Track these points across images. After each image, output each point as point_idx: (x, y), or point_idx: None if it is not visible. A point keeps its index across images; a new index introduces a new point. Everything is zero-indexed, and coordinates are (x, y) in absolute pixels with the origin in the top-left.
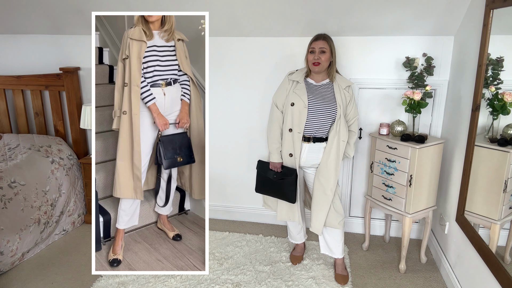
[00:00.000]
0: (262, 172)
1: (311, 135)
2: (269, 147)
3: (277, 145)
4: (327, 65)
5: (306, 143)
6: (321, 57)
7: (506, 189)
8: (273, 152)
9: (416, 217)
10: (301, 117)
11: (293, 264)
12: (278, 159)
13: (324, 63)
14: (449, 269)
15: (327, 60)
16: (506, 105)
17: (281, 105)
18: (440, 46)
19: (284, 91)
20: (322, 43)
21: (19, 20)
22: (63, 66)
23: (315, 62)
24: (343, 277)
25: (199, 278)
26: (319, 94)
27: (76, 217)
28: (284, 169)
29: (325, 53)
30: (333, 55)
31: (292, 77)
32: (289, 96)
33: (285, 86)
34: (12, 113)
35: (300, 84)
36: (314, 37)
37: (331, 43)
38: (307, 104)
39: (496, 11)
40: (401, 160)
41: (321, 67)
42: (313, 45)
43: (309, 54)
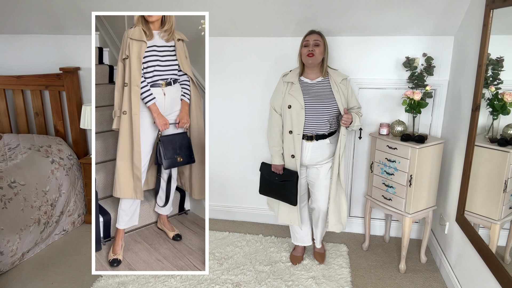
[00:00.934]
0: (265, 174)
1: (313, 134)
2: (270, 150)
3: (278, 148)
4: (320, 58)
5: (309, 142)
6: (315, 49)
7: (506, 189)
8: (274, 155)
9: (416, 217)
10: (299, 118)
11: (293, 264)
12: (280, 162)
13: (318, 55)
14: (449, 269)
15: (321, 53)
16: (506, 105)
17: (279, 108)
18: (440, 46)
19: (280, 94)
20: (316, 36)
21: (19, 20)
22: (63, 66)
23: (309, 53)
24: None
25: (199, 278)
26: (315, 92)
27: (76, 217)
28: (285, 171)
29: (319, 46)
30: (326, 51)
31: (286, 79)
32: (285, 98)
33: (280, 88)
34: (12, 113)
35: (295, 85)
36: (308, 32)
37: (324, 38)
38: (304, 105)
39: (496, 11)
40: (401, 160)
41: (315, 59)
42: (307, 39)
43: (303, 48)
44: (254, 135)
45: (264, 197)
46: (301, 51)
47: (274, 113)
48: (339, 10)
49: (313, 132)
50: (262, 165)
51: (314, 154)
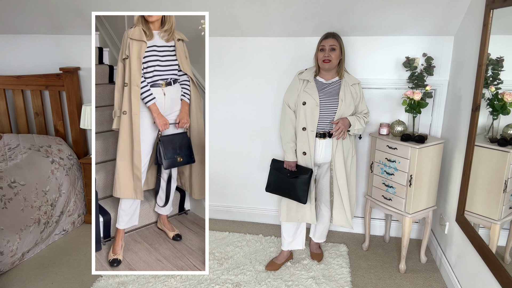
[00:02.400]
0: (276, 170)
1: (326, 131)
2: (283, 147)
3: (291, 144)
4: (337, 62)
5: (322, 139)
6: (331, 54)
7: (506, 189)
8: (287, 151)
9: (416, 217)
10: (314, 115)
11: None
12: (293, 158)
13: (334, 60)
14: (449, 269)
15: (337, 57)
16: (506, 105)
17: (293, 104)
18: (440, 46)
19: (295, 91)
20: (332, 41)
21: (19, 20)
22: (63, 66)
23: (325, 59)
24: (319, 255)
25: (199, 278)
26: (329, 91)
27: (76, 217)
28: (298, 167)
29: (335, 50)
30: (343, 53)
31: (302, 76)
32: (300, 95)
33: (295, 85)
34: (12, 113)
35: (310, 83)
36: (324, 35)
37: (340, 41)
38: (319, 102)
39: (496, 11)
40: (401, 160)
41: (331, 64)
42: (323, 43)
43: (319, 52)
44: (254, 135)
45: (264, 197)
46: (317, 55)
47: (288, 109)
48: (340, 10)
49: (325, 129)
50: (273, 161)
51: (327, 152)
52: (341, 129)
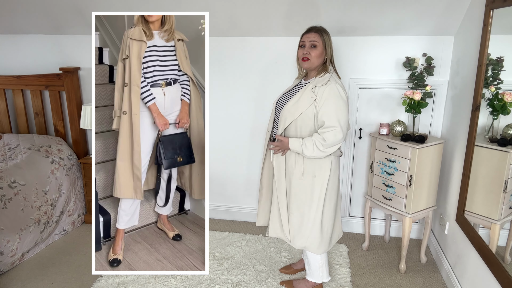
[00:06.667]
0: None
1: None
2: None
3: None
4: (318, 62)
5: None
6: (311, 52)
7: (506, 189)
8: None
9: (416, 217)
10: (271, 116)
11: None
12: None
13: (314, 59)
14: (449, 269)
15: (318, 56)
16: (506, 105)
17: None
18: (440, 46)
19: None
20: (313, 36)
21: (19, 20)
22: (63, 66)
23: (304, 57)
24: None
25: (199, 278)
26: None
27: (76, 217)
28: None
29: (316, 47)
30: (328, 51)
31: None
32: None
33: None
34: (12, 113)
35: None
36: (306, 30)
37: (325, 37)
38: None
39: (496, 11)
40: (401, 160)
41: (310, 64)
42: (303, 38)
43: (299, 49)
44: (254, 135)
45: None
46: (298, 53)
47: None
48: (339, 10)
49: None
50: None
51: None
52: (278, 148)
